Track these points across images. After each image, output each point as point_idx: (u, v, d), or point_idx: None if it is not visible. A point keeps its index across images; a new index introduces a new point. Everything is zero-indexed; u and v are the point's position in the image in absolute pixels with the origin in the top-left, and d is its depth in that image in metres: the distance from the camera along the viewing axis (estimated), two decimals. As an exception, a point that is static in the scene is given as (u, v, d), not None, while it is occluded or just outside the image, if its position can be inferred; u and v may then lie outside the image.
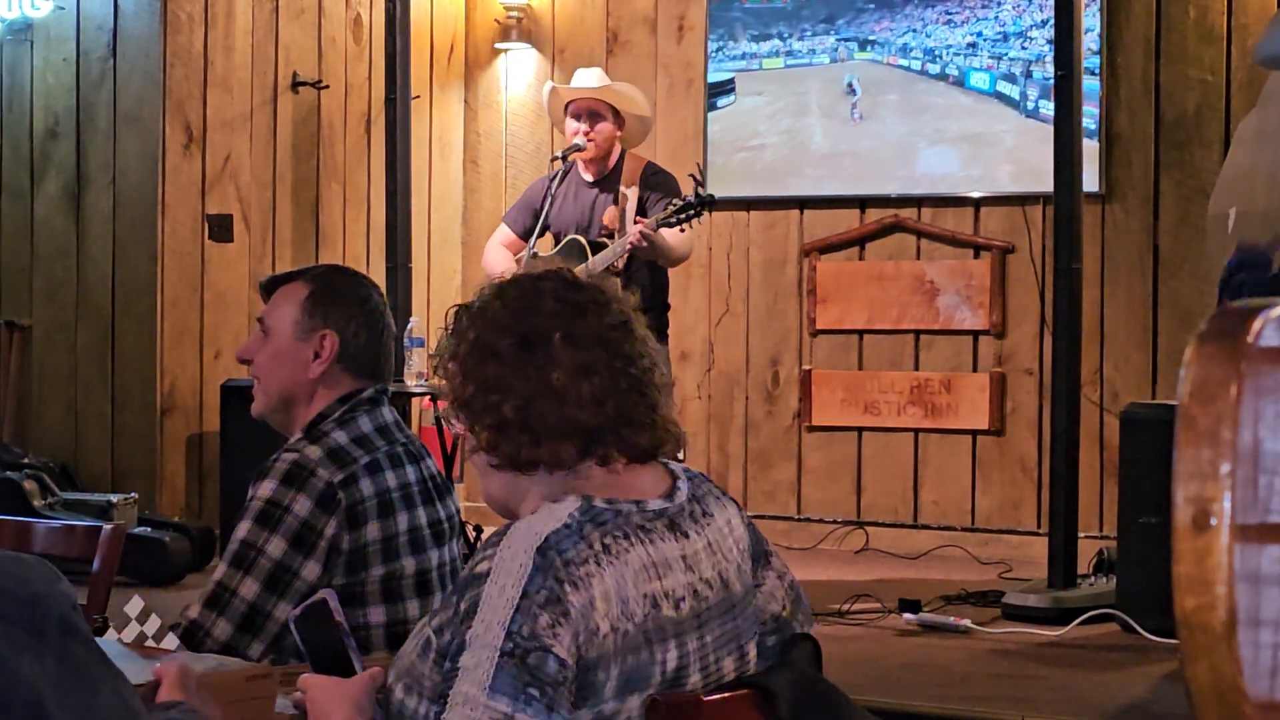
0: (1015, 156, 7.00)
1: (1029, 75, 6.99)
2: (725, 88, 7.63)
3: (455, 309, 2.15)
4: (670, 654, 1.99)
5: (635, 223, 5.76)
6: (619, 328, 2.11)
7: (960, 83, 7.18)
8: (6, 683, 1.42)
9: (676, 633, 2.00)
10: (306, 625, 2.12)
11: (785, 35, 7.54)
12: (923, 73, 7.28)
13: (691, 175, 5.79)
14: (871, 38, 7.41)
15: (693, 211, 5.67)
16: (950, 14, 7.24)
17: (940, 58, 7.25)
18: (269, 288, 3.04)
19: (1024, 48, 7.03)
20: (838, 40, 7.46)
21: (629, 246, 5.70)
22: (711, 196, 5.75)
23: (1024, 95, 7.00)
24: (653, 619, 1.97)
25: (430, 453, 3.06)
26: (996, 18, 7.10)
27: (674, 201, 5.71)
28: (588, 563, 1.93)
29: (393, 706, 2.02)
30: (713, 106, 7.61)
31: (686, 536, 2.07)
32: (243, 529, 2.80)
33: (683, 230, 5.74)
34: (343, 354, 2.95)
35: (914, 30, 7.32)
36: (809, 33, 7.51)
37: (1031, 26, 7.00)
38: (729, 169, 7.53)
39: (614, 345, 2.09)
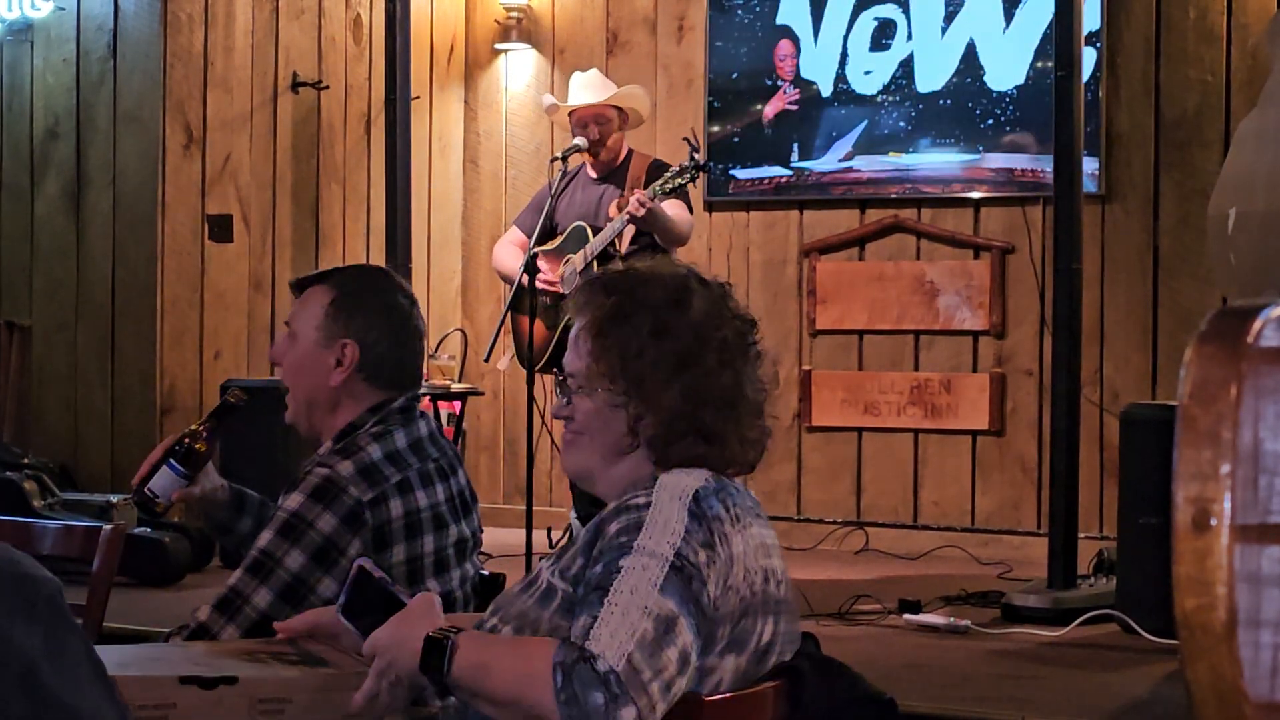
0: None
1: None
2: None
3: (616, 297, 2.25)
4: (767, 628, 2.09)
5: (633, 193, 5.79)
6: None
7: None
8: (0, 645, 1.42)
9: (775, 611, 2.10)
10: (354, 611, 2.18)
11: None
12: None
13: (685, 139, 5.83)
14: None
15: (689, 175, 5.71)
16: None
17: None
18: (298, 288, 3.00)
19: None
20: None
21: (629, 215, 5.73)
22: (708, 162, 5.80)
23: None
24: (762, 591, 2.08)
25: (462, 463, 3.03)
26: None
27: (669, 168, 5.78)
28: (726, 524, 2.04)
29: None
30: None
31: (769, 530, 2.20)
32: (264, 538, 2.77)
33: (676, 190, 5.77)
34: (364, 364, 2.91)
35: None
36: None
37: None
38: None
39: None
